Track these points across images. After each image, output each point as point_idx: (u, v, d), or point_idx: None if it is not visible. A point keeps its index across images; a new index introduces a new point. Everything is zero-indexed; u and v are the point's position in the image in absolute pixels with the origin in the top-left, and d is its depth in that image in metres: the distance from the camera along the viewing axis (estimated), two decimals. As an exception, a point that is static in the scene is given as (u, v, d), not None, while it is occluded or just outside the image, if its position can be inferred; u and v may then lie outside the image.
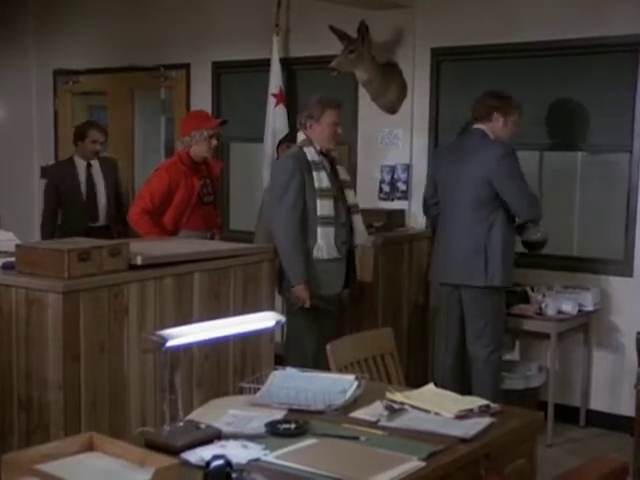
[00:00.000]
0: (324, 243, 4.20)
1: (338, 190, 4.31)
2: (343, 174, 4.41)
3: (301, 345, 4.32)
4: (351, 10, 5.29)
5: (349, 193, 4.40)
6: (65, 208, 5.65)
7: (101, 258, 3.21)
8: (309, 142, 4.28)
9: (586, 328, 4.87)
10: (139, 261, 3.34)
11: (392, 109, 5.50)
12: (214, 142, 4.75)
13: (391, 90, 5.41)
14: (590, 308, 4.76)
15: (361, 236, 4.42)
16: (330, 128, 4.26)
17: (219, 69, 6.34)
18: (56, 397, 3.06)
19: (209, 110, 6.25)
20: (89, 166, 5.61)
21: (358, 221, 4.40)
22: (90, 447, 2.13)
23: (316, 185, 4.19)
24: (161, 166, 4.86)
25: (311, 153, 4.24)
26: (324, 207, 4.20)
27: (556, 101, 4.99)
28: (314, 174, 4.20)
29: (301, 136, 4.35)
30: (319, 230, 4.19)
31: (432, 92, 5.38)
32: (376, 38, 5.33)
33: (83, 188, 5.61)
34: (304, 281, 4.18)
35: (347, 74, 5.27)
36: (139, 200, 4.62)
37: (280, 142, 5.71)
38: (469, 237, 4.33)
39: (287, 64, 5.89)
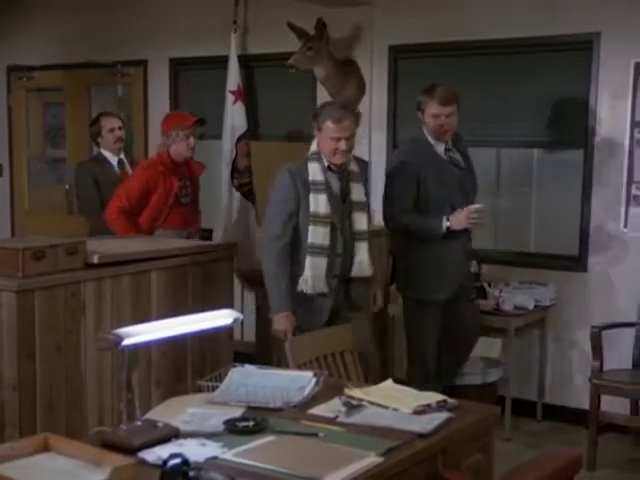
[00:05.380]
0: (311, 275, 3.70)
1: (344, 214, 3.77)
2: (357, 194, 3.82)
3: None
4: (309, 7, 5.29)
5: (358, 217, 3.81)
6: (105, 202, 5.17)
7: (57, 257, 3.18)
8: (318, 155, 3.76)
9: (542, 323, 4.93)
10: (96, 260, 3.32)
11: (351, 106, 5.50)
12: (192, 141, 4.67)
13: (349, 87, 5.42)
14: (546, 303, 4.82)
15: (360, 268, 3.82)
16: (331, 142, 3.68)
17: (177, 66, 6.30)
18: (11, 397, 3.02)
19: (166, 107, 6.23)
20: (121, 163, 5.30)
21: (361, 250, 3.82)
22: (45, 448, 2.10)
23: (311, 209, 3.69)
24: (140, 165, 4.84)
25: (314, 170, 3.72)
26: (316, 235, 3.69)
27: (512, 98, 5.04)
28: (311, 196, 3.69)
29: (313, 146, 3.83)
30: (308, 260, 3.70)
31: (390, 89, 5.41)
32: (334, 35, 5.35)
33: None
34: (285, 310, 3.72)
35: (305, 71, 5.28)
36: (116, 199, 4.57)
37: (239, 139, 5.70)
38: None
39: (245, 61, 5.87)
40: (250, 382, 2.71)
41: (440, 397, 2.63)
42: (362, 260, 3.82)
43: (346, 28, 5.46)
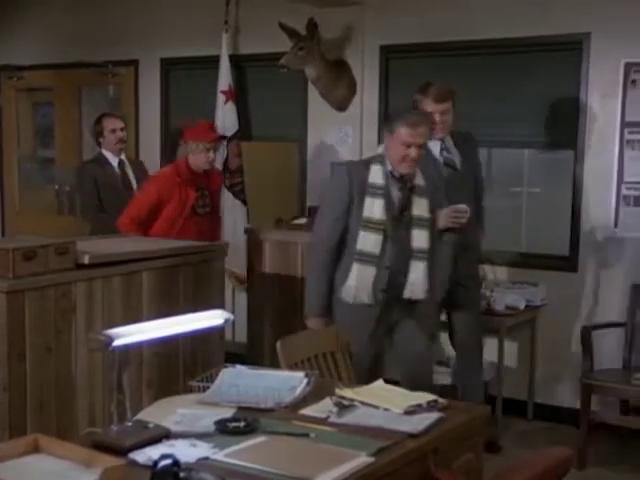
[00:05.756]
0: (355, 285, 3.49)
1: (399, 227, 3.53)
2: (419, 209, 3.56)
3: None
4: (300, 7, 5.29)
5: (418, 234, 3.54)
6: (105, 203, 5.22)
7: (47, 257, 3.18)
8: (383, 158, 3.56)
9: (533, 323, 4.94)
10: (86, 260, 3.31)
11: (342, 106, 5.51)
12: (211, 155, 4.63)
13: (340, 87, 5.43)
14: (537, 303, 4.84)
15: (411, 289, 3.54)
16: (401, 148, 3.45)
17: (168, 66, 6.29)
18: (1, 398, 3.01)
19: (157, 107, 6.21)
20: (122, 163, 5.26)
21: (416, 269, 3.53)
22: (35, 449, 2.10)
23: (364, 213, 3.47)
24: (153, 177, 4.78)
25: (376, 173, 3.51)
26: (367, 242, 3.46)
27: (503, 98, 5.05)
28: (367, 200, 3.47)
29: (379, 149, 3.67)
30: (354, 268, 3.48)
31: (381, 89, 5.41)
32: (325, 35, 5.35)
33: (120, 186, 5.24)
34: (319, 314, 3.59)
35: (297, 71, 5.28)
36: (127, 209, 4.56)
37: (230, 139, 5.70)
38: None
39: (237, 61, 5.87)
40: (241, 382, 2.71)
41: (431, 397, 2.63)
42: (415, 281, 3.54)
43: (337, 28, 5.47)
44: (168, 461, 1.97)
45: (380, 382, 2.85)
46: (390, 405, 2.56)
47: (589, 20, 4.70)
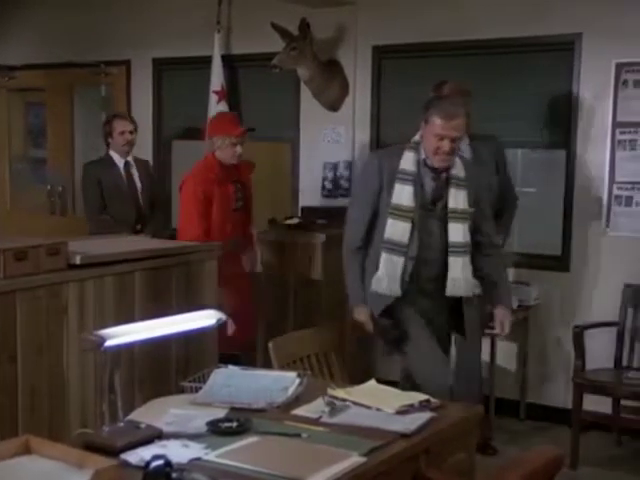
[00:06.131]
0: (386, 274, 3.36)
1: (433, 218, 3.38)
2: (456, 201, 3.38)
3: None
4: (293, 7, 5.29)
5: (454, 227, 3.37)
6: (108, 204, 5.16)
7: (39, 257, 3.16)
8: (417, 145, 3.42)
9: (525, 322, 4.95)
10: (78, 260, 3.30)
11: (334, 106, 5.52)
12: (238, 150, 4.41)
13: (333, 87, 5.43)
14: (530, 303, 4.85)
15: (453, 285, 3.39)
16: (434, 140, 3.30)
17: (160, 66, 6.28)
18: (-8, 399, 3.00)
19: (149, 107, 6.20)
20: (127, 165, 5.20)
21: (455, 266, 3.37)
22: (27, 450, 2.09)
23: (393, 200, 3.34)
24: (189, 177, 4.45)
25: (408, 159, 3.37)
26: (395, 230, 3.33)
27: (495, 98, 5.06)
28: (396, 186, 3.35)
29: (416, 136, 3.51)
30: (383, 257, 3.37)
31: (373, 89, 5.42)
32: (318, 35, 5.35)
33: (124, 187, 5.19)
34: (361, 302, 3.48)
35: (289, 71, 5.28)
36: (191, 224, 4.28)
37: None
38: None
39: (229, 61, 5.87)
40: (233, 383, 2.71)
41: (423, 397, 2.64)
42: (455, 277, 3.38)
43: (330, 28, 5.47)
44: (160, 462, 1.97)
45: (372, 382, 2.85)
46: (382, 405, 2.56)
47: (581, 21, 4.72)
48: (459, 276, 3.39)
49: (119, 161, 5.18)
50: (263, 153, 5.88)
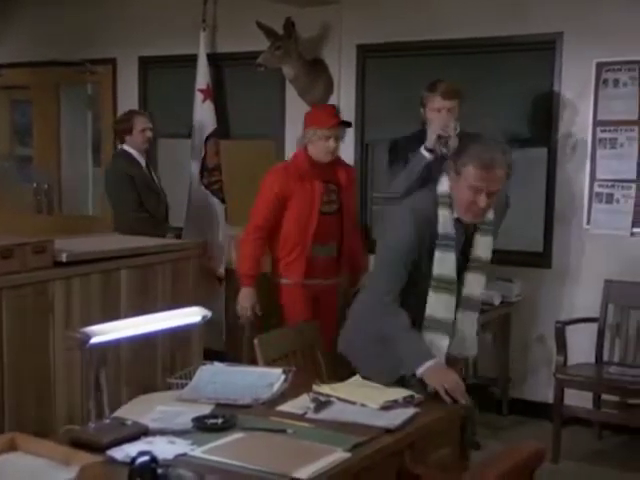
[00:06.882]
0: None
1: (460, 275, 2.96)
2: (481, 250, 2.97)
3: None
4: (278, 6, 5.31)
5: (472, 278, 2.97)
6: (144, 200, 4.99)
7: (25, 255, 3.17)
8: (449, 198, 2.88)
9: (508, 318, 5.00)
10: (64, 258, 3.31)
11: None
12: (332, 144, 3.97)
13: (318, 86, 5.45)
14: (512, 299, 4.89)
15: (461, 345, 3.00)
16: (468, 193, 2.79)
17: (146, 64, 6.29)
18: (-21, 397, 3.01)
19: (135, 105, 6.20)
20: (147, 157, 5.11)
21: (467, 323, 2.99)
22: (13, 447, 2.10)
23: (435, 271, 2.87)
24: (268, 173, 4.13)
25: (445, 220, 2.86)
26: (438, 305, 2.89)
27: (477, 97, 5.08)
28: (437, 254, 2.86)
29: (444, 185, 2.90)
30: (425, 337, 2.90)
31: (358, 88, 5.44)
32: (303, 34, 5.38)
33: (153, 184, 5.07)
34: (431, 358, 2.82)
35: (274, 70, 5.30)
36: (252, 217, 4.08)
37: (208, 137, 5.71)
38: None
39: (214, 60, 5.88)
40: (219, 379, 2.74)
41: (407, 393, 2.67)
42: (466, 337, 2.99)
43: (315, 27, 5.49)
44: (146, 458, 1.99)
45: (357, 378, 2.88)
46: (367, 401, 2.59)
47: (562, 20, 4.77)
48: (470, 336, 3.02)
49: (139, 157, 5.04)
50: (248, 151, 5.90)
